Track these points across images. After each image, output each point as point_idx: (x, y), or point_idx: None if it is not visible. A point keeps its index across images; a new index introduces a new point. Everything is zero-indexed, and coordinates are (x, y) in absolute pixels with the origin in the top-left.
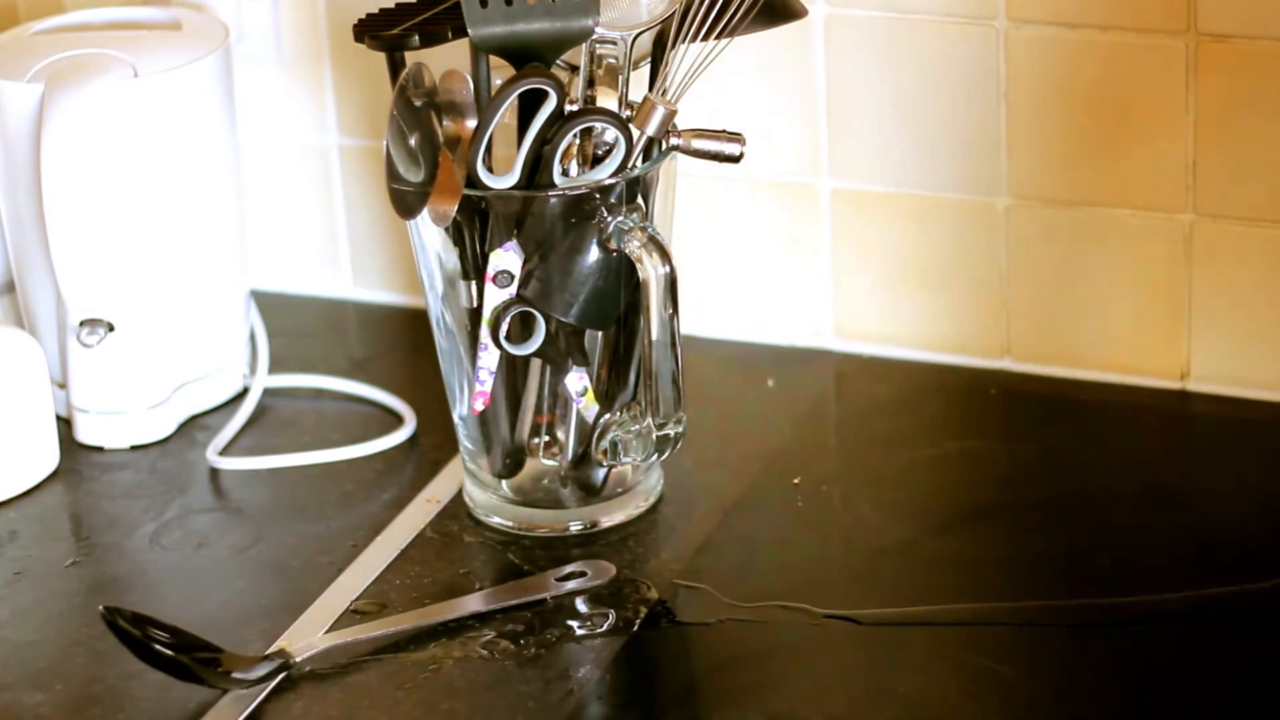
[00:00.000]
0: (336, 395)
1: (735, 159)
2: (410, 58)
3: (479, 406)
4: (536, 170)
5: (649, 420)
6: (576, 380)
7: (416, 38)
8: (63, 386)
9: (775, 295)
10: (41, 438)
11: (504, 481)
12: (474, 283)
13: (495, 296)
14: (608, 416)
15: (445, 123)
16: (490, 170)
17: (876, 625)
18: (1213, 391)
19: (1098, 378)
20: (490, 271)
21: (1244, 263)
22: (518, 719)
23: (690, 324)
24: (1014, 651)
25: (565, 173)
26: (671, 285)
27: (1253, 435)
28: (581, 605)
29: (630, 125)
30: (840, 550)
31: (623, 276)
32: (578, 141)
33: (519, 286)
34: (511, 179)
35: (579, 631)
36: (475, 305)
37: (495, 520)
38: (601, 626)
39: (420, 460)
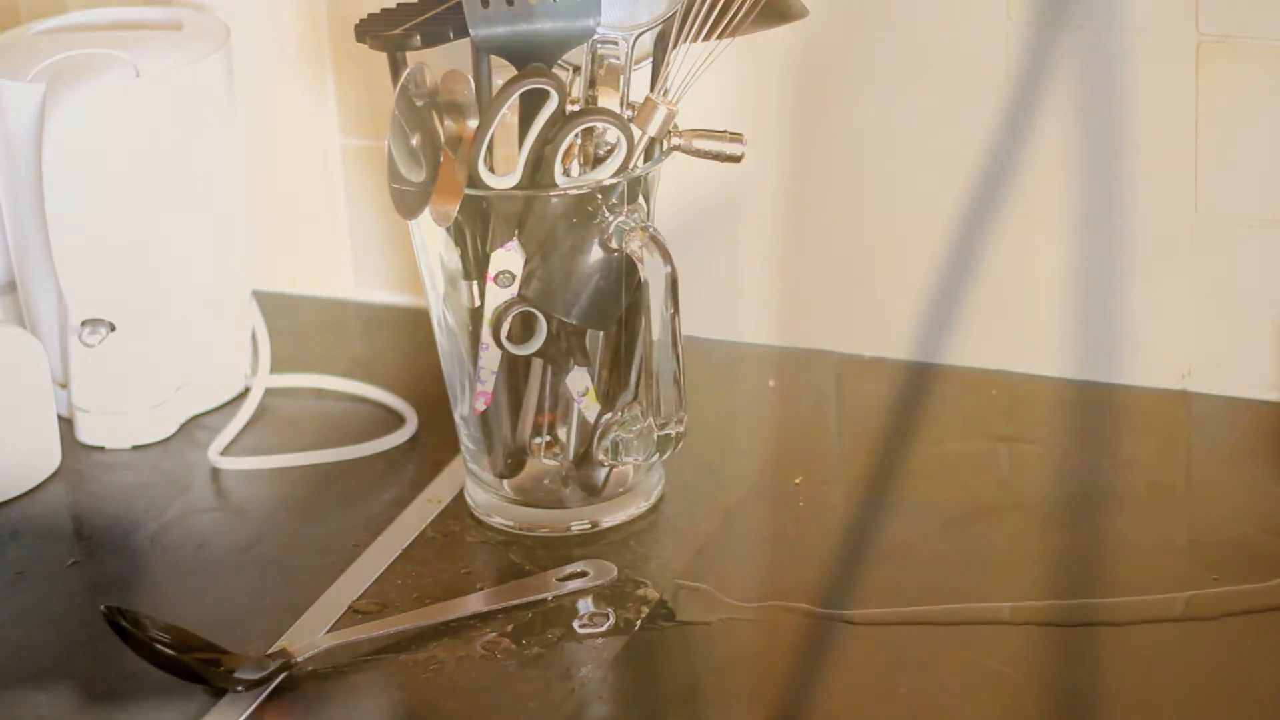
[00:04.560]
0: (338, 395)
1: (736, 159)
2: (412, 58)
3: (480, 406)
4: (538, 170)
5: (650, 420)
6: (578, 380)
7: (418, 38)
8: (64, 386)
9: (775, 295)
10: (43, 437)
11: (505, 481)
12: (475, 282)
13: (497, 296)
14: (609, 416)
15: (447, 123)
16: (492, 170)
17: (875, 625)
18: (1213, 391)
19: (1098, 378)
20: (491, 271)
21: (1244, 263)
22: (519, 719)
23: (690, 324)
24: (1014, 651)
25: (566, 172)
26: (673, 285)
27: (1253, 435)
28: (582, 605)
29: (631, 125)
30: (840, 550)
31: (624, 276)
32: (579, 141)
33: (520, 286)
34: (513, 179)
35: (580, 631)
36: (477, 305)
37: (496, 520)
38: (602, 626)
39: (421, 460)
